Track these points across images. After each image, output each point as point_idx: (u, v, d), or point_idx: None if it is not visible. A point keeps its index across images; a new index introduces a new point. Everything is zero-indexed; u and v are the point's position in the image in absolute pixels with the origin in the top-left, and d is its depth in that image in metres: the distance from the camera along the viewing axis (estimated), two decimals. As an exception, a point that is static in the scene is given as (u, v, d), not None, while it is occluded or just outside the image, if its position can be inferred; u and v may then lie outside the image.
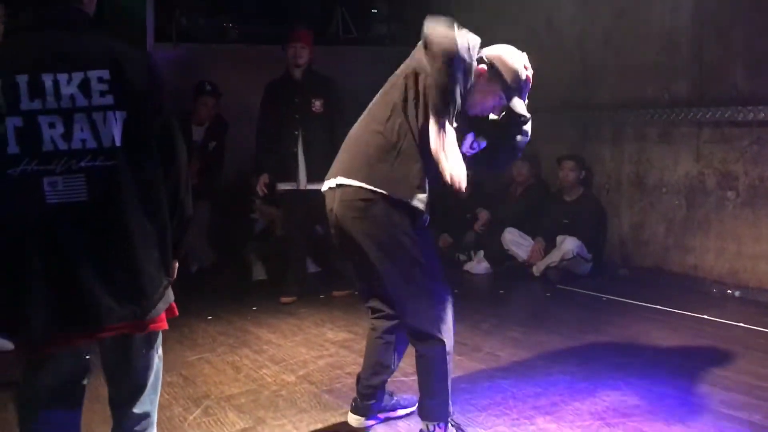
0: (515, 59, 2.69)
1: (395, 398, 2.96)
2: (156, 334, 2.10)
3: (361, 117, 2.66)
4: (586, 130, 5.81)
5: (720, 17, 4.82)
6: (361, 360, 3.57)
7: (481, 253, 5.84)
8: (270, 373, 3.50)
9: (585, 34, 5.72)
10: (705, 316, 4.30)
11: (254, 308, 4.72)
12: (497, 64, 2.66)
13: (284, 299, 4.86)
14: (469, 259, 5.95)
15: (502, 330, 4.15)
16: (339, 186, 2.55)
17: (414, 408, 2.85)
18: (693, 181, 5.07)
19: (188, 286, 5.53)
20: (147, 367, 2.11)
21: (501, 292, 5.20)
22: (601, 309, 4.64)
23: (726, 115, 4.77)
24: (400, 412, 2.95)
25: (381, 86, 2.65)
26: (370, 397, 2.83)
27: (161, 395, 3.19)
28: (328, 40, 6.55)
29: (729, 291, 4.81)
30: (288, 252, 5.14)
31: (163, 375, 3.43)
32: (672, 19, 5.11)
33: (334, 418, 2.93)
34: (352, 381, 3.28)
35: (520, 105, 2.71)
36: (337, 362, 3.64)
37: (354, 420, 2.86)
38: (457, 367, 3.45)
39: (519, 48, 2.75)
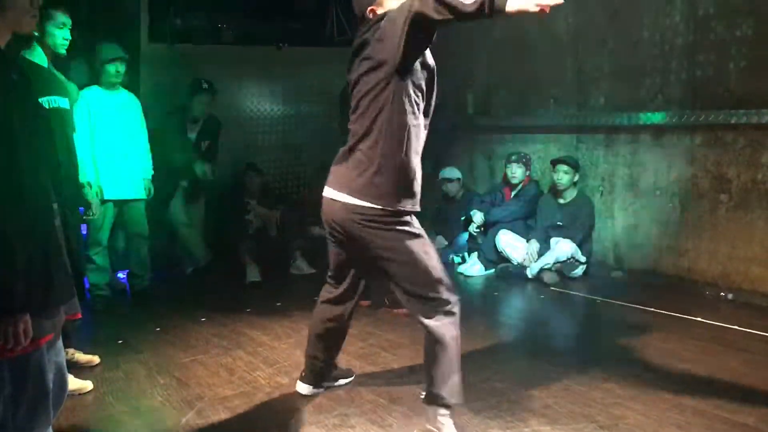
0: None
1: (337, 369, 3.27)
2: None
3: None
4: (581, 132, 5.82)
5: (713, 20, 4.84)
6: (354, 361, 3.59)
7: (475, 254, 5.85)
8: (264, 375, 3.49)
9: (579, 36, 5.74)
10: (698, 319, 4.31)
11: (248, 310, 4.70)
12: None
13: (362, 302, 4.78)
14: (464, 261, 5.96)
15: (496, 332, 4.15)
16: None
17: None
18: (686, 184, 5.09)
19: (182, 288, 5.55)
20: None
21: (495, 294, 5.20)
22: (595, 311, 4.65)
23: (719, 118, 4.79)
24: (341, 382, 3.28)
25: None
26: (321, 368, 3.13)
27: (155, 397, 3.20)
28: (322, 40, 6.55)
29: (722, 293, 4.82)
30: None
31: (156, 376, 3.45)
32: (665, 22, 5.13)
33: (327, 421, 2.92)
34: (344, 394, 3.28)
35: None
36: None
37: (304, 389, 3.18)
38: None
39: (514, 50, 2.75)
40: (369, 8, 2.68)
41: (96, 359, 3.63)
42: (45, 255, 1.75)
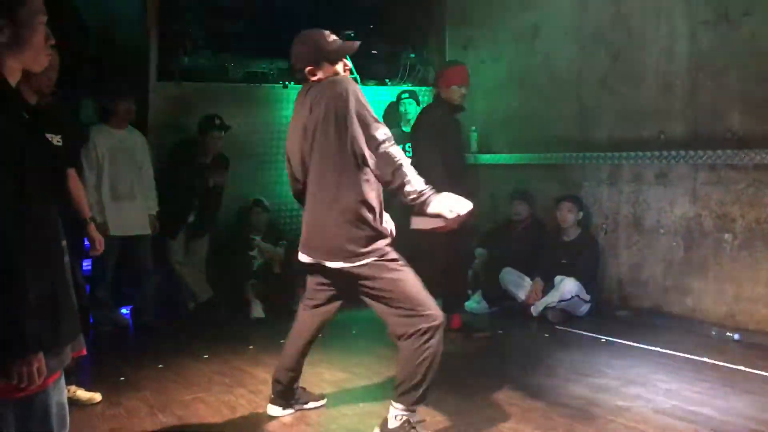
0: None
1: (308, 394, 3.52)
2: None
3: None
4: (584, 170, 5.85)
5: (715, 61, 4.89)
6: (357, 401, 3.56)
7: (480, 292, 5.83)
8: (266, 414, 3.46)
9: (582, 75, 5.80)
10: (705, 359, 4.28)
11: (251, 347, 4.69)
12: None
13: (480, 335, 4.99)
14: (467, 298, 5.93)
15: (501, 371, 4.12)
16: None
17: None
18: (690, 223, 5.09)
19: (185, 324, 5.54)
20: None
21: (499, 332, 5.17)
22: (600, 351, 4.61)
23: (722, 158, 4.81)
24: (311, 405, 3.48)
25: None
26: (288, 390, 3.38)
27: (156, 436, 3.17)
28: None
29: (728, 333, 4.78)
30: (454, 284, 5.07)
31: (157, 414, 3.43)
32: (667, 62, 5.19)
33: (330, 461, 2.89)
34: (348, 422, 3.25)
35: None
36: (333, 403, 3.60)
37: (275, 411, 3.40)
38: (454, 408, 3.43)
39: (518, 90, 2.90)
40: (308, 68, 3.03)
41: (98, 397, 3.62)
42: (54, 293, 1.75)
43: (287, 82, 6.34)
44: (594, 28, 5.70)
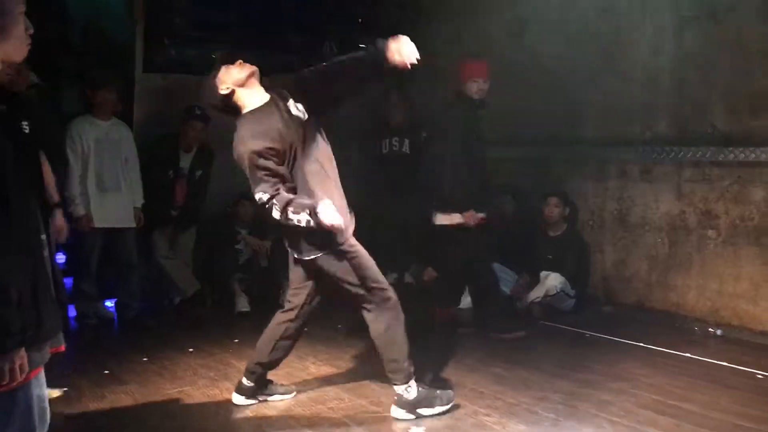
0: None
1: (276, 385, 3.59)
2: None
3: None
4: (571, 166, 5.87)
5: (701, 57, 4.92)
6: (343, 393, 3.57)
7: (465, 288, 5.83)
8: (251, 407, 3.46)
9: (570, 72, 5.81)
10: (688, 354, 4.31)
11: (236, 340, 4.67)
12: None
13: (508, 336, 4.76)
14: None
15: (486, 366, 4.13)
16: None
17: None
18: (675, 219, 5.13)
19: (170, 317, 5.51)
20: None
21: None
22: (585, 345, 4.64)
23: (707, 155, 4.85)
24: (277, 398, 3.54)
25: (365, 118, 2.81)
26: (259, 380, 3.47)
27: (140, 430, 3.16)
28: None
29: (711, 329, 4.83)
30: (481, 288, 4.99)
31: (142, 408, 3.41)
32: (654, 59, 5.22)
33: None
34: (334, 416, 3.26)
35: None
36: (319, 397, 3.60)
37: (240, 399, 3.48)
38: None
39: (505, 85, 2.89)
40: (220, 96, 3.26)
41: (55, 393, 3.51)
42: (35, 287, 1.73)
43: (274, 74, 6.30)
44: (581, 23, 5.71)
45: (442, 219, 4.76)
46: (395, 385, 3.25)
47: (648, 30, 5.25)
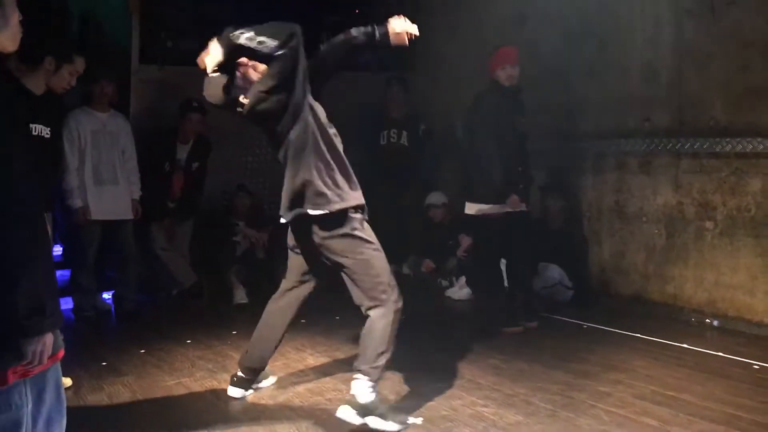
0: None
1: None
2: None
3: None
4: (569, 159, 5.87)
5: (700, 50, 4.92)
6: (341, 384, 3.57)
7: (463, 279, 5.85)
8: (249, 398, 3.46)
9: (568, 64, 5.81)
10: (684, 345, 4.33)
11: (234, 332, 4.67)
12: None
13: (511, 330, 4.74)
14: (451, 285, 5.96)
15: (484, 357, 4.14)
16: None
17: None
18: (672, 211, 5.13)
19: (167, 309, 5.51)
20: None
21: (483, 317, 5.18)
22: (582, 337, 4.65)
23: (705, 147, 4.85)
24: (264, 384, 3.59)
25: (364, 111, 2.79)
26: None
27: (139, 421, 3.16)
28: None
29: (708, 320, 4.84)
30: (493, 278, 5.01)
31: (140, 399, 3.41)
32: (652, 52, 5.21)
33: (313, 446, 2.90)
34: (332, 407, 3.26)
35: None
36: (316, 388, 3.61)
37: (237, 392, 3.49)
38: (437, 393, 3.45)
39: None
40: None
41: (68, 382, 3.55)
42: (52, 269, 1.77)
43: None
44: (580, 16, 5.70)
45: (488, 209, 4.71)
46: (361, 380, 3.06)
47: (647, 22, 5.24)
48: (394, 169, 6.16)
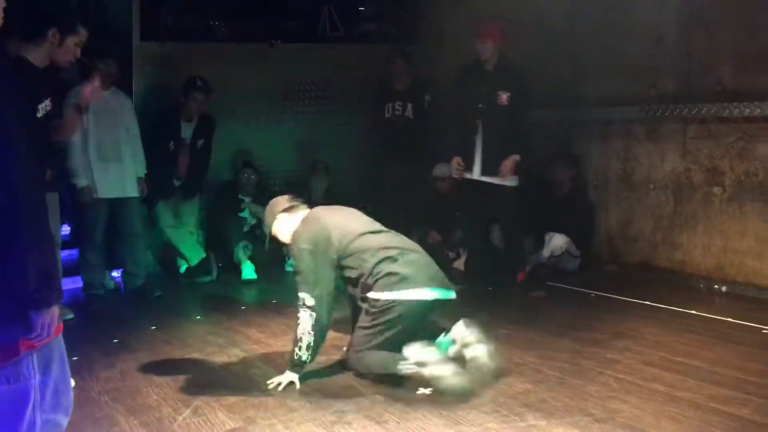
0: None
1: None
2: None
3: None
4: (575, 126, 5.82)
5: (707, 14, 4.84)
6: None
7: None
8: (259, 372, 3.49)
9: (574, 30, 5.73)
10: (693, 312, 4.33)
11: (243, 308, 4.70)
12: None
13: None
14: (458, 256, 5.95)
15: (492, 327, 4.12)
16: None
17: None
18: (680, 177, 5.10)
19: (177, 286, 5.54)
20: None
21: (489, 289, 5.19)
22: (590, 305, 4.66)
23: (712, 111, 4.80)
24: None
25: (367, 84, 2.73)
26: None
27: (150, 396, 3.20)
28: (315, 37, 6.54)
29: (716, 286, 4.84)
30: (470, 244, 5.32)
31: (151, 375, 3.45)
32: (659, 16, 5.13)
33: (323, 417, 2.92)
34: (341, 380, 3.28)
35: None
36: (326, 361, 3.62)
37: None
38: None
39: (509, 46, 2.81)
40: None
41: None
42: (53, 246, 1.81)
43: (273, 41, 6.25)
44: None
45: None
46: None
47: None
48: (399, 141, 6.12)
